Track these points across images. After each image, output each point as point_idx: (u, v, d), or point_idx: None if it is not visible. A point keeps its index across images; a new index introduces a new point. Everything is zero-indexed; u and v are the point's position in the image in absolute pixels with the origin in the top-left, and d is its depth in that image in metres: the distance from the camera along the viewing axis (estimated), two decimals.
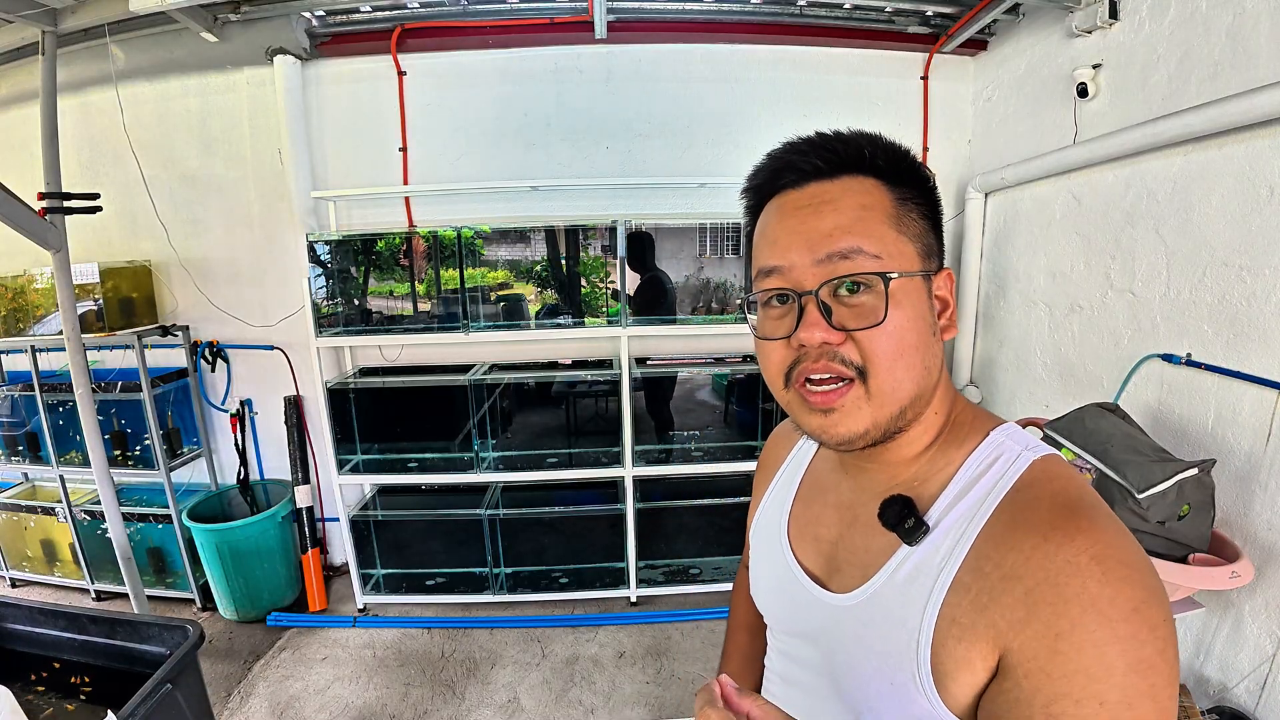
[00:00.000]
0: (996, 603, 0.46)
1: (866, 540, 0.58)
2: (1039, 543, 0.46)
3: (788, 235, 0.54)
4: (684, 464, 2.74)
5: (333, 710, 2.20)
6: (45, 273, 2.65)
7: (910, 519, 0.53)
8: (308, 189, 2.69)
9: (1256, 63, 1.53)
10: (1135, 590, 0.43)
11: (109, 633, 1.46)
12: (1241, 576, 1.43)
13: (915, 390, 0.53)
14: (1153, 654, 0.42)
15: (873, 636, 0.54)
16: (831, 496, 0.65)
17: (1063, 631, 0.43)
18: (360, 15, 2.57)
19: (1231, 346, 1.62)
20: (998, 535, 0.49)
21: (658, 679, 2.32)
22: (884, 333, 0.50)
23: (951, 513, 0.52)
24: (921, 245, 0.54)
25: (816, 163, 0.54)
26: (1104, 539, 0.45)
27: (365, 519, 2.76)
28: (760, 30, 2.66)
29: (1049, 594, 0.44)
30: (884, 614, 0.54)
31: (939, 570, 0.50)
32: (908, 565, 0.53)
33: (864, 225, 0.51)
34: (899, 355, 0.51)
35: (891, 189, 0.54)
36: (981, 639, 0.47)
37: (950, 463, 0.55)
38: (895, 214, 0.53)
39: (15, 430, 3.00)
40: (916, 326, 0.52)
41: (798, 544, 0.67)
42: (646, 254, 2.64)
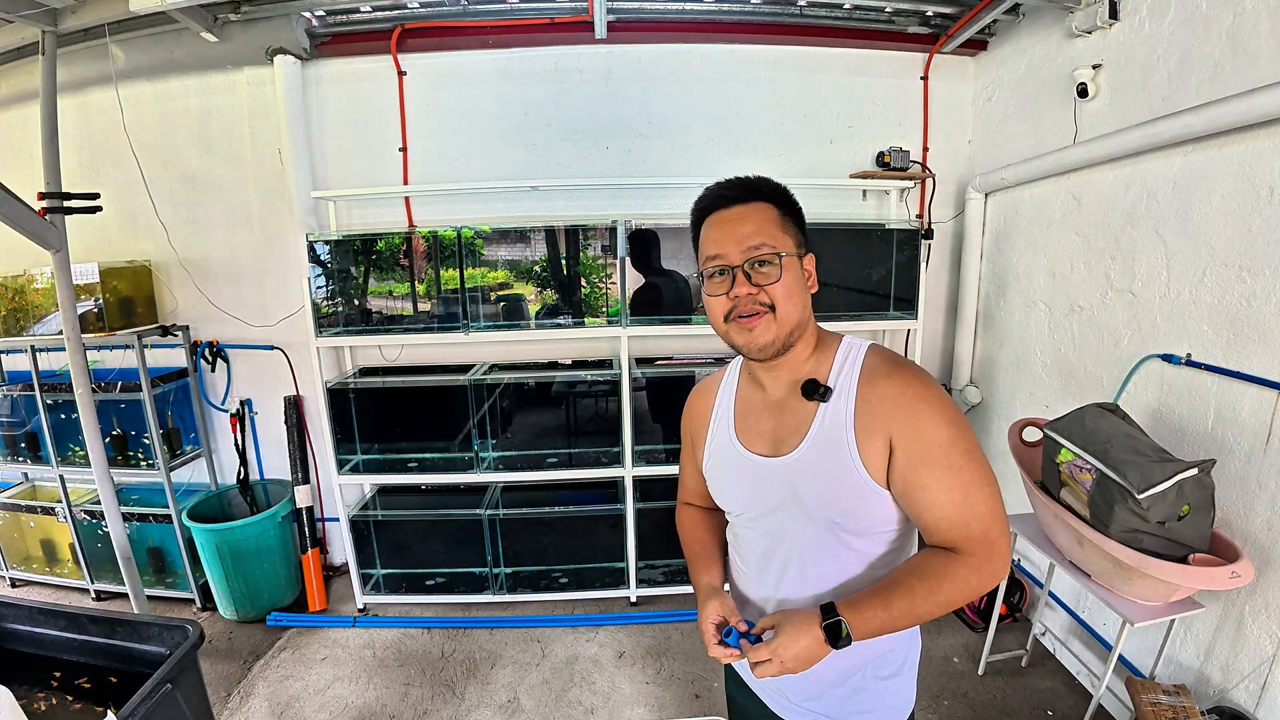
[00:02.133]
0: (880, 411, 0.84)
1: (795, 416, 0.92)
2: (889, 380, 0.86)
3: (723, 236, 0.89)
4: None
5: (333, 710, 2.20)
6: (45, 273, 2.65)
7: (822, 388, 0.89)
8: (308, 189, 2.69)
9: (1256, 63, 1.53)
10: (938, 391, 0.86)
11: (109, 633, 1.46)
12: (1241, 577, 1.43)
13: (798, 318, 0.88)
14: (955, 416, 0.84)
15: (824, 464, 0.88)
16: (759, 402, 0.98)
17: (914, 416, 0.83)
18: (360, 15, 2.57)
19: (1231, 347, 1.62)
20: (867, 382, 0.87)
21: (658, 679, 2.32)
22: (781, 285, 0.86)
23: (839, 379, 0.89)
24: (795, 240, 0.90)
25: (736, 194, 0.90)
26: (917, 373, 0.88)
27: (365, 519, 2.76)
28: (760, 30, 2.66)
29: (901, 399, 0.84)
30: (825, 446, 0.87)
31: (844, 410, 0.87)
32: (827, 415, 0.88)
33: (766, 229, 0.88)
34: (788, 297, 0.87)
35: (778, 208, 0.90)
36: (878, 434, 0.84)
37: (828, 359, 0.92)
38: (781, 222, 0.89)
39: (15, 430, 3.00)
40: (797, 282, 0.88)
41: (747, 441, 0.97)
42: (651, 254, 2.63)
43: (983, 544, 0.82)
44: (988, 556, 0.82)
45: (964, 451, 0.82)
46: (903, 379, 0.85)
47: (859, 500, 0.86)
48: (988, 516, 0.82)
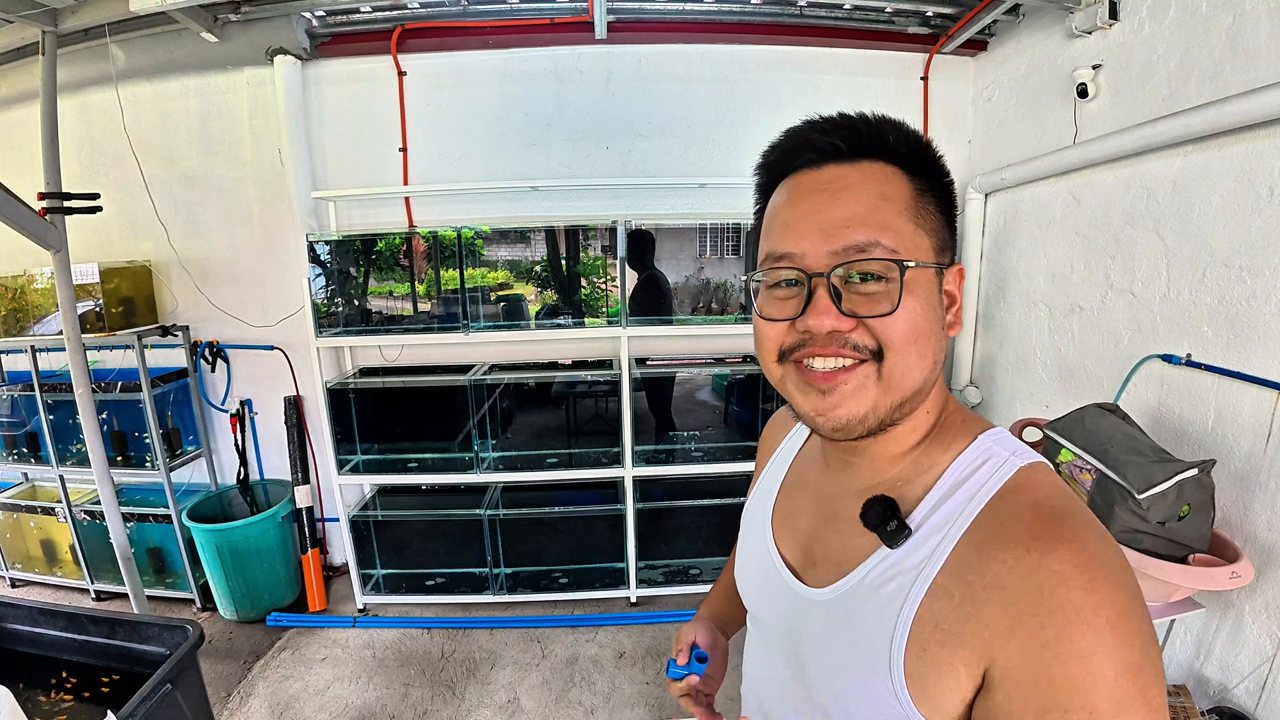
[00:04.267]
0: (981, 612, 0.46)
1: (844, 537, 0.57)
2: (1022, 553, 0.45)
3: (802, 221, 0.52)
4: (684, 464, 2.74)
5: (332, 710, 2.20)
6: (45, 273, 2.65)
7: (893, 521, 0.52)
8: (308, 189, 2.69)
9: (1256, 63, 1.53)
10: (1118, 596, 0.43)
11: (109, 633, 1.46)
12: (1241, 577, 1.43)
13: (921, 380, 0.52)
14: (1139, 657, 0.42)
15: (844, 633, 0.54)
16: (812, 489, 0.65)
17: (1048, 642, 0.42)
18: (360, 15, 2.57)
19: (1231, 347, 1.62)
20: (980, 542, 0.48)
21: (658, 679, 2.32)
22: (898, 320, 0.49)
23: (934, 516, 0.51)
24: (937, 239, 0.53)
25: (836, 142, 0.52)
26: (1087, 548, 0.44)
27: (365, 519, 2.76)
28: (760, 31, 2.66)
29: (1033, 604, 0.43)
30: (858, 612, 0.53)
31: (917, 573, 0.50)
32: (884, 565, 0.52)
33: (882, 217, 0.50)
34: (913, 341, 0.50)
35: (911, 179, 0.52)
36: (966, 646, 0.46)
37: (936, 465, 0.54)
38: (914, 206, 0.52)
39: (15, 430, 3.00)
40: (929, 316, 0.51)
41: (779, 532, 0.67)
42: (646, 252, 2.64)
43: None
44: None
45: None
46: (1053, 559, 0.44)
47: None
48: None
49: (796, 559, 0.63)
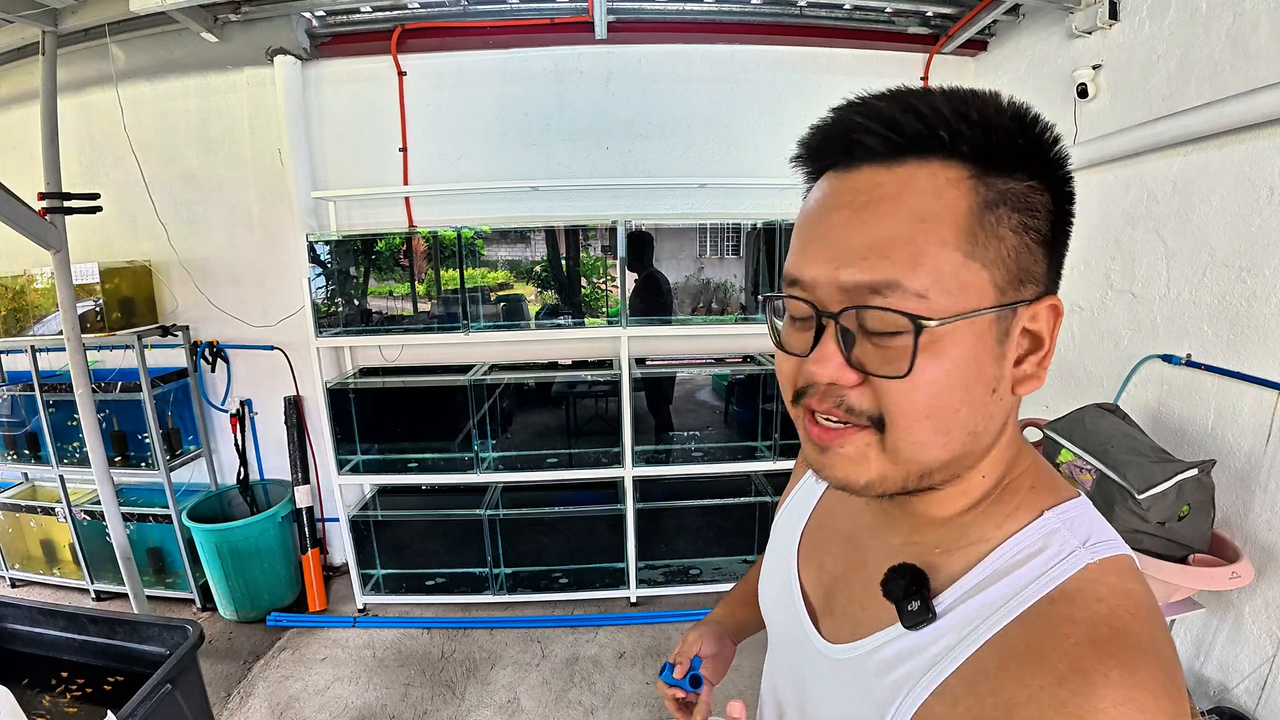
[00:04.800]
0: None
1: (865, 594, 0.50)
2: (1051, 685, 0.36)
3: (818, 243, 0.42)
4: (684, 464, 2.74)
5: (332, 710, 2.20)
6: (45, 273, 2.65)
7: (916, 600, 0.44)
8: (308, 189, 2.69)
9: (1256, 63, 1.53)
10: None
11: (109, 633, 1.47)
12: (1241, 577, 1.43)
13: (946, 456, 0.42)
14: None
15: (843, 699, 0.50)
16: (846, 526, 0.58)
17: None
18: (360, 15, 2.57)
19: (1231, 347, 1.62)
20: (1007, 652, 0.39)
21: (658, 679, 2.31)
22: (909, 386, 0.39)
23: (965, 605, 0.43)
24: (1005, 271, 0.39)
25: (868, 141, 0.40)
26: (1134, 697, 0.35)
27: (365, 519, 2.76)
28: (760, 31, 2.66)
29: None
30: (860, 686, 0.48)
31: (930, 666, 0.43)
32: (898, 646, 0.46)
33: (913, 247, 0.38)
34: (927, 416, 0.40)
35: (982, 184, 0.39)
36: None
37: (985, 540, 0.45)
38: (970, 227, 0.38)
39: (15, 430, 3.00)
40: (962, 383, 0.40)
41: (805, 564, 0.60)
42: (645, 253, 2.65)
43: None
44: None
45: None
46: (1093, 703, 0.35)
47: None
48: None
49: (818, 599, 0.57)
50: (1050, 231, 0.41)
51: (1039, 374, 0.42)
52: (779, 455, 2.67)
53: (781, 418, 2.65)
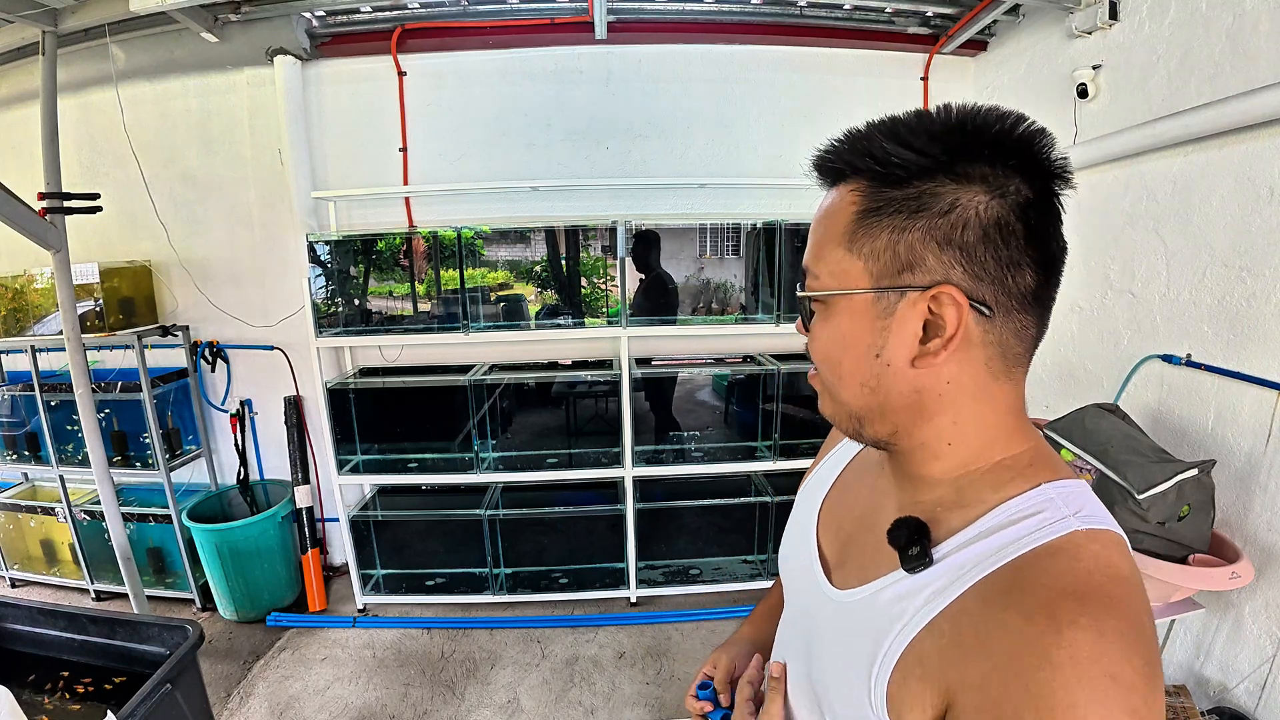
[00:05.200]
0: (960, 664, 0.44)
1: (875, 547, 0.57)
2: (1023, 624, 0.41)
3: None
4: (684, 464, 2.74)
5: (332, 710, 2.20)
6: (45, 273, 2.65)
7: (916, 547, 0.51)
8: (308, 189, 2.69)
9: (1256, 63, 1.53)
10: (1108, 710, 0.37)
11: (109, 633, 1.47)
12: (1241, 577, 1.43)
13: (857, 403, 0.53)
14: None
15: (846, 639, 0.55)
16: (864, 491, 0.65)
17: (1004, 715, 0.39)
18: (360, 15, 2.57)
19: (1231, 347, 1.62)
20: (989, 593, 0.45)
21: (658, 679, 2.32)
22: (811, 339, 0.55)
23: (959, 554, 0.48)
24: (879, 262, 0.49)
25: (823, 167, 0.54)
26: (1099, 642, 0.38)
27: (365, 519, 2.76)
28: (760, 31, 2.66)
29: (1012, 683, 0.40)
30: (862, 624, 0.53)
31: (922, 605, 0.48)
32: (897, 588, 0.52)
33: (816, 245, 0.54)
34: (824, 362, 0.55)
35: (869, 195, 0.49)
36: (937, 690, 0.45)
37: (982, 501, 0.51)
38: (849, 230, 0.50)
39: (15, 430, 3.00)
40: (842, 344, 0.52)
41: (824, 527, 0.68)
42: (651, 254, 2.65)
43: None
44: None
45: None
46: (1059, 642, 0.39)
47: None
48: None
49: (833, 555, 0.64)
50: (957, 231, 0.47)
51: (939, 355, 0.48)
52: (779, 455, 2.67)
53: (781, 418, 2.65)
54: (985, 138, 0.47)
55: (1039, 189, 0.48)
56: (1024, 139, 0.47)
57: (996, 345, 0.49)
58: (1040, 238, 0.48)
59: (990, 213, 0.47)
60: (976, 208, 0.46)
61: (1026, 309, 0.49)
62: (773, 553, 2.83)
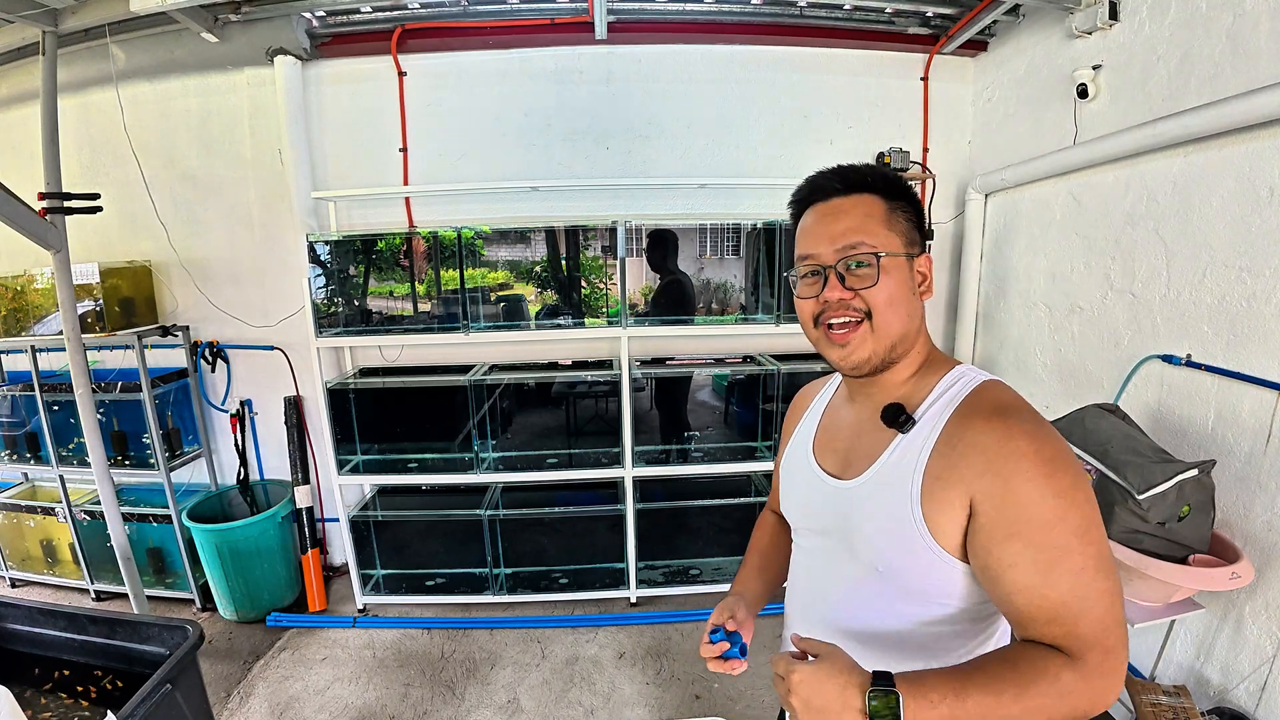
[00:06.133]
0: (963, 460, 0.70)
1: (871, 440, 0.81)
2: (985, 424, 0.70)
3: (818, 233, 0.80)
4: (684, 465, 2.74)
5: (332, 711, 2.20)
6: (45, 273, 2.65)
7: (903, 415, 0.77)
8: (308, 189, 2.69)
9: (1256, 64, 1.53)
10: (1051, 447, 0.67)
11: (109, 633, 1.47)
12: (1241, 578, 1.43)
13: (902, 330, 0.78)
14: (1069, 484, 0.66)
15: (880, 503, 0.76)
16: (846, 418, 0.89)
17: (1008, 476, 0.66)
18: (361, 16, 2.57)
19: (1231, 347, 1.62)
20: (960, 419, 0.73)
21: (658, 680, 2.32)
22: (879, 290, 0.76)
23: (930, 410, 0.76)
24: (905, 238, 0.79)
25: (836, 185, 0.80)
26: (1030, 420, 0.70)
27: (365, 519, 2.76)
28: (760, 31, 2.66)
29: (997, 453, 0.68)
30: (887, 484, 0.76)
31: (921, 447, 0.74)
32: (900, 448, 0.76)
33: (865, 226, 0.78)
34: (889, 305, 0.76)
35: (886, 201, 0.79)
36: (955, 486, 0.70)
37: (928, 383, 0.80)
38: (886, 218, 0.78)
39: (15, 430, 3.00)
40: (901, 287, 0.77)
41: (820, 455, 0.90)
42: (668, 254, 2.65)
43: (1095, 650, 0.62)
44: (1099, 667, 0.62)
45: (1075, 529, 0.64)
46: (1006, 425, 0.68)
47: (914, 560, 0.73)
48: (1104, 618, 0.63)
49: (837, 467, 0.85)
50: (920, 224, 0.82)
51: (929, 290, 0.81)
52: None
53: (782, 418, 2.65)
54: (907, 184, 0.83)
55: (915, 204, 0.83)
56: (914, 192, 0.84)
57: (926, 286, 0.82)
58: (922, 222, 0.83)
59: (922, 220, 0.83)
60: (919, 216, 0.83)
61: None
62: None
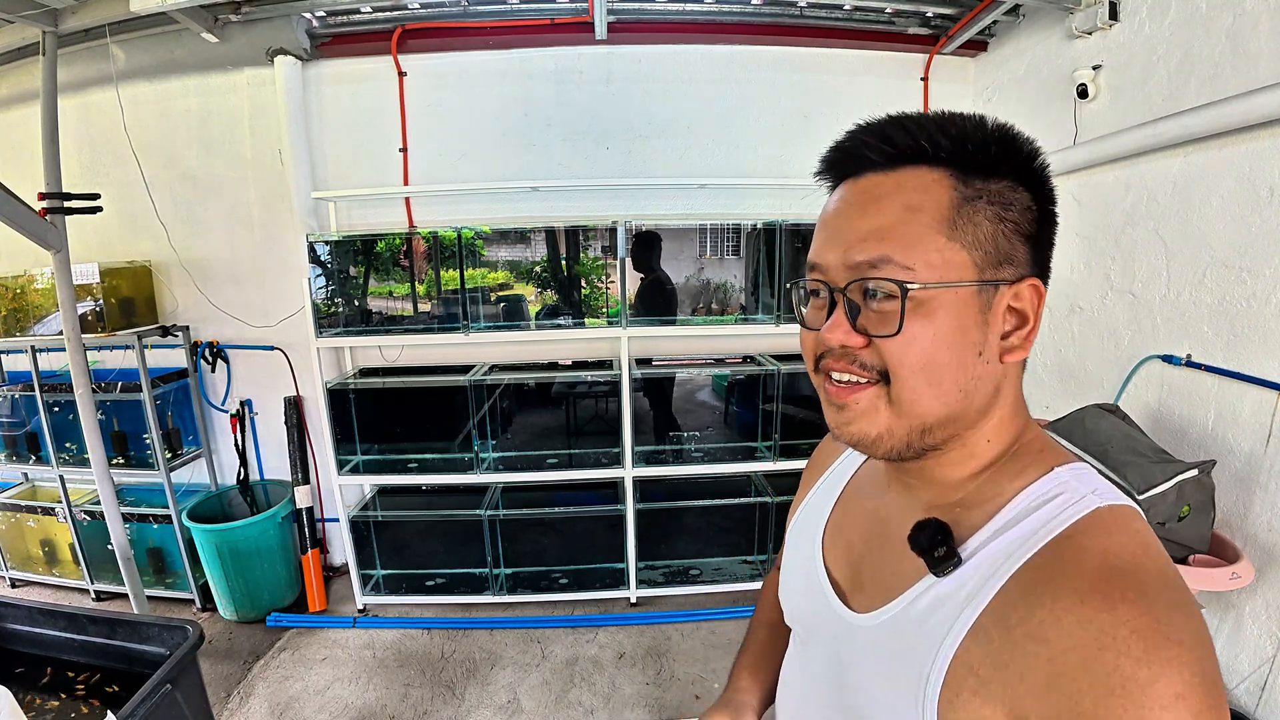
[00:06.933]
0: (1017, 662, 0.41)
1: (894, 560, 0.53)
2: (1074, 604, 0.40)
3: (831, 233, 0.51)
4: (684, 465, 2.74)
5: (332, 711, 2.20)
6: (45, 273, 2.65)
7: (942, 548, 0.48)
8: (308, 189, 2.69)
9: (1256, 64, 1.53)
10: (1181, 674, 0.37)
11: (109, 633, 1.46)
12: (1241, 578, 1.43)
13: (943, 411, 0.48)
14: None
15: (884, 663, 0.51)
16: (870, 505, 0.62)
17: (1085, 712, 0.38)
18: (361, 16, 2.57)
19: (1231, 347, 1.62)
20: (1030, 584, 0.43)
21: (658, 680, 2.32)
22: (901, 343, 0.46)
23: (988, 548, 0.47)
24: (983, 252, 0.46)
25: (874, 154, 0.49)
26: (1153, 611, 0.38)
27: (365, 519, 2.76)
28: (760, 31, 2.66)
29: (1076, 665, 0.39)
30: (899, 643, 0.50)
31: (961, 609, 0.46)
32: (929, 596, 0.49)
33: (902, 230, 0.46)
34: (920, 369, 0.47)
35: (961, 184, 0.47)
36: (997, 699, 0.42)
37: (1000, 494, 0.49)
38: (950, 216, 0.46)
39: (15, 430, 3.00)
40: (948, 342, 0.46)
41: (830, 549, 0.64)
42: (652, 255, 2.65)
43: None
44: None
45: None
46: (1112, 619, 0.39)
47: None
48: None
49: (845, 579, 0.60)
50: (1033, 226, 0.49)
51: (1025, 345, 0.49)
52: (779, 456, 2.67)
53: (781, 418, 2.65)
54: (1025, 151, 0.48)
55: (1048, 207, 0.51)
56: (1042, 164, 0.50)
57: None
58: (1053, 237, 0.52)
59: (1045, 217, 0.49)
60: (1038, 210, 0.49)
61: None
62: (773, 552, 2.83)
